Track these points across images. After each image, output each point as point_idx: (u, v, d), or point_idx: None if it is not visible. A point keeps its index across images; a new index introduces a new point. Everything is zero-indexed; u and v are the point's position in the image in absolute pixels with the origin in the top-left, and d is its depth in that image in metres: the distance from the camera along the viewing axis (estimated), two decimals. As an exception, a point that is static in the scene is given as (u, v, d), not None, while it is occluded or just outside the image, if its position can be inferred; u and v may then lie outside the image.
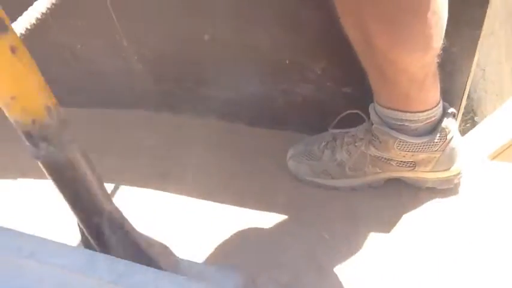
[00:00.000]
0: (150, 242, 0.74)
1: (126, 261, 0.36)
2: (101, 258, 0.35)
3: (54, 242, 0.38)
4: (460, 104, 1.18)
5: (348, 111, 1.18)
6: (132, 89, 1.50)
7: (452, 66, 1.09)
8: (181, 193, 1.34)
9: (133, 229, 0.72)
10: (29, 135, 0.51)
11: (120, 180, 1.40)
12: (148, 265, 0.56)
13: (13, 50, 0.47)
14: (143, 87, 1.48)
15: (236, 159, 1.38)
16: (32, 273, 0.36)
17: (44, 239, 0.39)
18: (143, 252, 0.72)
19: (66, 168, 0.55)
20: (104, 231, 0.65)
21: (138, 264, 0.36)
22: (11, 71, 0.47)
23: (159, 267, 0.72)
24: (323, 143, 1.25)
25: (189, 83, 1.41)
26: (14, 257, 0.38)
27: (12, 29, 0.47)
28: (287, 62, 1.22)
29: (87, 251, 0.37)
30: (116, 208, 0.68)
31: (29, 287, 0.36)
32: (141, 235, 0.72)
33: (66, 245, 0.38)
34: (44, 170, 0.56)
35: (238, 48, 1.24)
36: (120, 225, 0.68)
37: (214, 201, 1.30)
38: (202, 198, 1.32)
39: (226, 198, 1.30)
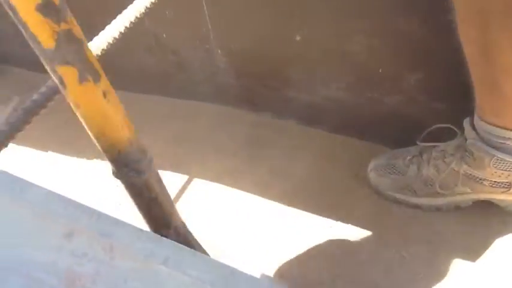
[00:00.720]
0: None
1: (268, 280, 0.32)
2: (242, 277, 0.32)
3: (188, 250, 0.36)
4: None
5: (438, 125, 1.11)
6: (213, 83, 1.49)
7: None
8: (251, 194, 1.31)
9: (199, 245, 0.81)
10: (114, 162, 0.60)
11: (191, 172, 1.39)
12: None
13: (105, 94, 0.53)
14: (225, 82, 1.46)
15: (312, 166, 1.34)
16: (168, 282, 0.34)
17: (179, 246, 0.37)
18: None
19: (143, 189, 0.65)
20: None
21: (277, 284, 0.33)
22: (103, 113, 0.55)
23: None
24: (408, 157, 1.19)
25: (273, 82, 1.38)
26: (147, 262, 0.35)
27: (104, 76, 0.53)
28: (380, 70, 1.17)
29: (224, 264, 0.34)
30: (183, 223, 0.78)
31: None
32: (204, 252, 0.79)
33: (201, 255, 0.35)
34: (124, 189, 0.64)
35: (331, 52, 1.20)
36: (185, 239, 0.78)
37: (286, 206, 1.26)
38: (273, 202, 1.28)
39: (299, 204, 1.26)
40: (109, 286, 0.38)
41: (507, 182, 1.05)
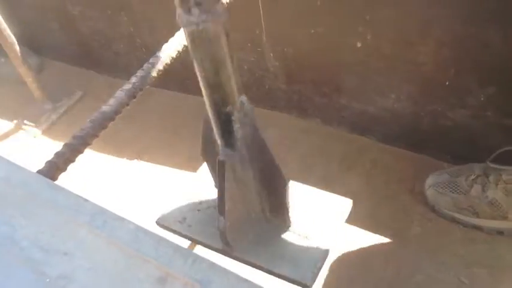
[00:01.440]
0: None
1: None
2: None
3: (234, 274, 0.32)
4: None
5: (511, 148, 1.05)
6: (263, 86, 1.44)
7: None
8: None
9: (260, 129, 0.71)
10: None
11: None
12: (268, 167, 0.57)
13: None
14: (274, 86, 1.41)
15: (364, 178, 1.28)
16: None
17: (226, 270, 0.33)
18: (267, 152, 0.73)
19: (211, 43, 0.58)
20: (234, 122, 0.68)
21: None
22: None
23: (279, 172, 0.75)
24: (472, 176, 1.12)
25: (325, 89, 1.32)
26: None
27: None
28: (447, 83, 1.10)
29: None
30: (248, 102, 0.69)
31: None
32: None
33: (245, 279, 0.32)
34: (187, 40, 0.57)
35: (394, 60, 1.14)
36: (251, 120, 0.69)
37: (338, 219, 1.21)
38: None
39: (350, 219, 1.21)
40: None
41: None
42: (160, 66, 0.74)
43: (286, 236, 0.85)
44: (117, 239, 0.42)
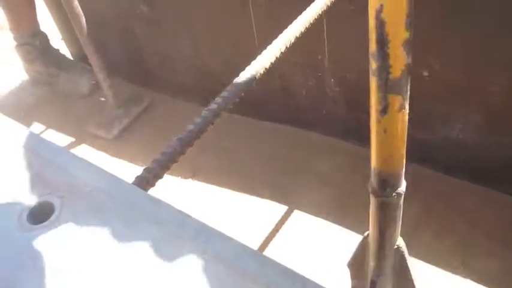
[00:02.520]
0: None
1: None
2: None
3: None
4: None
5: None
6: (320, 111, 1.44)
7: None
8: (354, 232, 1.23)
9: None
10: (384, 183, 0.69)
11: (291, 202, 1.35)
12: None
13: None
14: (333, 112, 1.41)
15: (423, 208, 1.25)
16: None
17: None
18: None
19: (392, 209, 0.73)
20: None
21: None
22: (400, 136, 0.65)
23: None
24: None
25: (387, 116, 1.31)
26: None
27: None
28: (518, 114, 1.07)
29: None
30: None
31: None
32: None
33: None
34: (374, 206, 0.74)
35: (462, 90, 1.12)
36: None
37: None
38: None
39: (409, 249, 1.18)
40: None
41: None
42: (243, 87, 0.75)
43: None
44: (222, 257, 0.42)
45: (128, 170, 1.54)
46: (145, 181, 0.57)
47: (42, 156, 0.54)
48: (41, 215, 0.48)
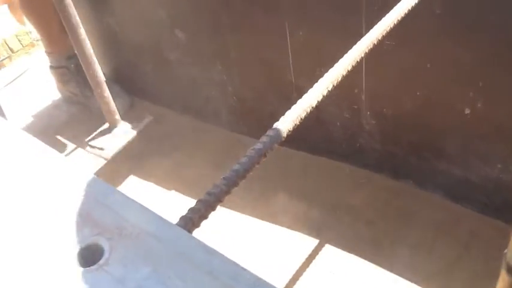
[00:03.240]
0: None
1: None
2: None
3: None
4: None
5: None
6: (354, 143, 1.42)
7: None
8: (394, 274, 1.20)
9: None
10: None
11: (322, 236, 1.32)
12: None
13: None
14: (367, 144, 1.39)
15: (459, 250, 1.21)
16: None
17: None
18: None
19: None
20: None
21: None
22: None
23: None
24: None
25: (424, 152, 1.28)
26: None
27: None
28: None
29: None
30: None
31: None
32: None
33: None
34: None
35: (506, 129, 1.09)
36: None
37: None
38: (415, 283, 1.17)
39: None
40: None
41: None
42: (290, 126, 0.74)
43: None
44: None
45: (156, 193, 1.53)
46: (191, 222, 0.56)
47: (91, 195, 0.53)
48: (90, 256, 0.47)
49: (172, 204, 1.50)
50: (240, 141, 1.68)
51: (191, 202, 0.56)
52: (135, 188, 1.58)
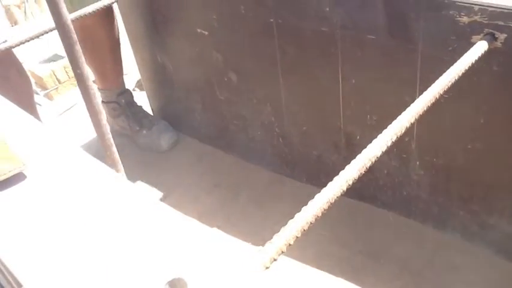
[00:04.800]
0: None
1: None
2: None
3: None
4: None
5: None
6: (401, 192, 1.42)
7: None
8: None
9: None
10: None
11: (364, 284, 1.30)
12: None
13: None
14: (415, 194, 1.38)
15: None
16: None
17: None
18: None
19: None
20: None
21: None
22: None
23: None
24: None
25: (474, 206, 1.27)
26: None
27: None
28: None
29: None
30: None
31: None
32: None
33: None
34: None
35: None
36: None
37: None
38: None
39: None
40: None
41: None
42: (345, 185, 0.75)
43: None
44: None
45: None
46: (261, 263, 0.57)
47: (167, 231, 0.55)
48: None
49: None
50: (281, 182, 1.70)
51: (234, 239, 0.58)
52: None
